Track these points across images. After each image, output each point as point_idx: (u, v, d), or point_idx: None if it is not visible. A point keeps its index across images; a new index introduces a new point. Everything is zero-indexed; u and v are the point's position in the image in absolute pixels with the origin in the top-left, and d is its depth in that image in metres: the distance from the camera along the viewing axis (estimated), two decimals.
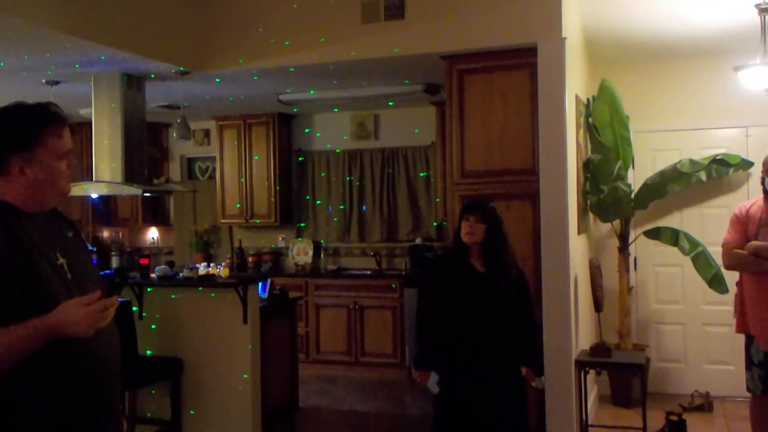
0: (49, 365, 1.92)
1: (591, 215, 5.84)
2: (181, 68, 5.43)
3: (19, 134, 2.02)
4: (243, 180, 7.91)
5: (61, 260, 2.02)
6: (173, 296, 5.08)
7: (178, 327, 5.07)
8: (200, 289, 5.04)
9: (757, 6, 4.77)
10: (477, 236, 3.56)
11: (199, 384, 5.01)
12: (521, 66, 4.85)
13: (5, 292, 1.88)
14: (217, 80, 5.91)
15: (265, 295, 5.39)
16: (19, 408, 1.90)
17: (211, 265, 5.55)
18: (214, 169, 8.29)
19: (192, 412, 5.01)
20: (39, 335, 1.86)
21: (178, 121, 5.85)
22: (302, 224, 7.99)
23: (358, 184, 7.73)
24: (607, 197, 5.54)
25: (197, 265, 5.47)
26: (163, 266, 5.33)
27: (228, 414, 4.94)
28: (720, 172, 5.85)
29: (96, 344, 2.01)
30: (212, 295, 5.01)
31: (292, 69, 5.51)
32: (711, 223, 5.78)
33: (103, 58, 5.03)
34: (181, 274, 5.12)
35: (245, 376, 4.90)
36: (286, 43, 5.28)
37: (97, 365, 2.04)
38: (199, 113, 7.69)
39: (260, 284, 5.30)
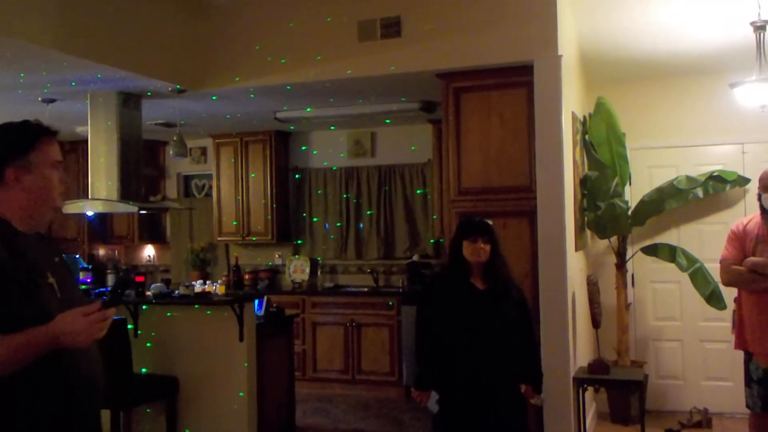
0: (31, 381, 1.92)
1: (588, 232, 5.83)
2: (178, 86, 5.44)
3: (13, 141, 2.08)
4: (240, 198, 7.90)
5: (51, 279, 2.05)
6: (169, 314, 5.05)
7: (173, 345, 5.04)
8: (196, 306, 5.01)
9: (752, 24, 4.80)
10: (483, 256, 3.55)
11: (194, 403, 4.97)
12: (518, 84, 4.87)
13: (7, 304, 1.90)
14: (214, 98, 5.92)
15: (262, 313, 5.36)
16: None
17: (207, 282, 5.53)
18: (210, 187, 8.28)
19: (187, 431, 4.96)
20: (40, 344, 1.88)
21: (175, 138, 5.86)
22: (299, 241, 7.97)
23: (354, 201, 7.72)
24: (605, 214, 5.54)
25: (193, 283, 5.45)
26: (158, 284, 5.31)
27: None
28: (717, 189, 5.86)
29: (79, 362, 2.01)
30: (208, 312, 4.99)
31: (288, 87, 5.52)
32: (708, 239, 5.78)
33: (99, 76, 5.04)
34: (177, 292, 5.09)
35: (241, 394, 4.86)
36: (283, 61, 5.30)
37: (80, 383, 2.04)
38: (196, 131, 7.69)
39: (256, 302, 5.27)
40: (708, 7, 4.97)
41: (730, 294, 4.93)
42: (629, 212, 5.77)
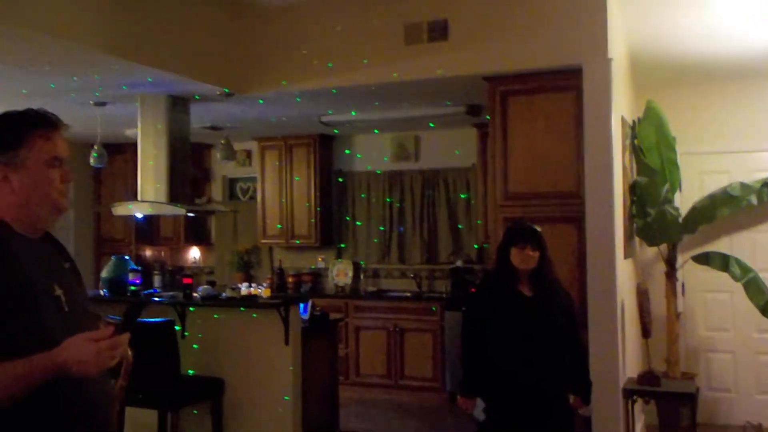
0: (32, 410, 1.71)
1: (637, 239, 5.71)
2: (226, 90, 5.49)
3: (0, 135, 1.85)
4: (284, 201, 7.94)
5: (58, 291, 1.84)
6: (216, 316, 5.09)
7: (219, 347, 5.08)
8: (242, 309, 5.04)
9: None
10: (532, 263, 3.50)
11: (240, 405, 4.99)
12: (566, 87, 4.79)
13: (1, 321, 1.71)
14: (260, 102, 5.95)
15: (307, 316, 5.37)
16: None
17: (253, 285, 5.55)
18: (255, 190, 8.34)
19: None
20: (44, 373, 1.68)
21: (222, 142, 5.92)
22: (342, 245, 7.98)
23: (398, 205, 7.70)
24: (654, 221, 5.42)
25: (239, 285, 5.48)
26: (205, 286, 5.35)
27: None
28: None
29: (86, 389, 1.81)
30: (254, 315, 5.01)
31: (334, 91, 5.52)
32: (762, 248, 5.62)
33: (150, 80, 5.10)
34: (224, 294, 5.12)
35: (286, 398, 4.87)
36: (329, 65, 5.30)
37: (85, 412, 1.83)
38: (241, 134, 7.76)
39: (302, 305, 5.28)
40: (761, 6, 4.83)
41: None
42: (680, 219, 5.63)
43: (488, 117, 5.17)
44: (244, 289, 5.37)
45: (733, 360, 5.95)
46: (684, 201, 5.84)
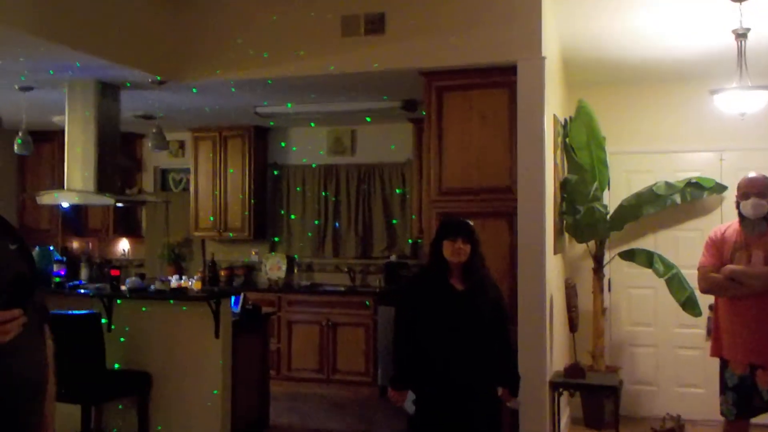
0: None
1: (566, 236, 5.84)
2: (158, 77, 5.36)
3: None
4: (217, 193, 7.83)
5: None
6: (144, 309, 4.98)
7: (147, 340, 4.97)
8: (171, 302, 4.94)
9: (734, 31, 4.83)
10: (463, 256, 3.53)
11: (167, 399, 4.89)
12: (500, 84, 4.86)
13: None
14: (194, 90, 5.83)
15: (238, 310, 5.29)
16: None
17: (183, 277, 5.45)
18: (188, 181, 8.19)
19: (159, 427, 4.89)
20: None
21: (154, 131, 5.78)
22: (276, 239, 7.92)
23: (333, 199, 7.68)
24: (583, 218, 5.55)
25: (169, 278, 5.37)
26: (134, 278, 5.23)
27: (196, 430, 4.83)
28: (694, 196, 5.90)
29: (13, 360, 1.86)
30: (184, 308, 4.92)
31: (270, 81, 5.46)
32: (685, 245, 5.82)
33: (78, 65, 4.94)
34: (152, 287, 5.01)
35: (215, 392, 4.80)
36: (265, 55, 5.24)
37: (14, 383, 1.89)
38: (175, 124, 7.61)
39: (233, 298, 5.21)
40: (690, 14, 4.99)
41: (705, 301, 4.97)
42: (607, 217, 5.79)
43: (424, 112, 5.20)
44: (174, 281, 5.27)
45: (655, 354, 6.15)
46: (612, 199, 6.00)
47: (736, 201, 4.09)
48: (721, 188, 5.87)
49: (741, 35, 4.84)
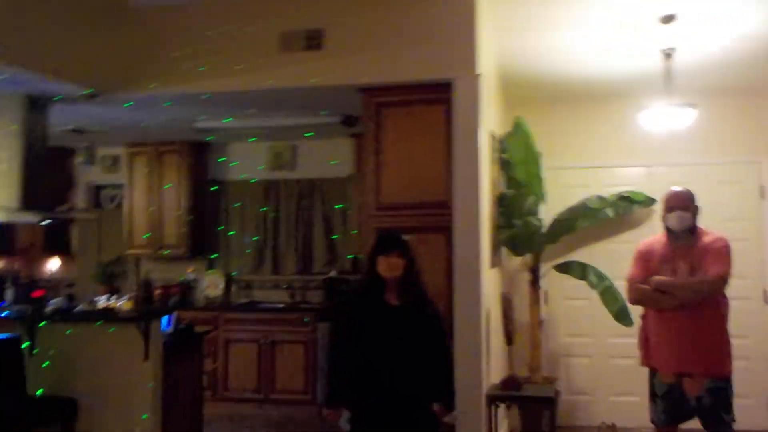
0: None
1: (504, 249, 5.91)
2: (89, 90, 5.22)
3: None
4: (153, 209, 7.64)
5: None
6: (69, 332, 4.77)
7: (73, 365, 4.74)
8: (99, 323, 4.76)
9: (662, 51, 5.00)
10: (397, 271, 3.52)
11: (94, 426, 4.69)
12: (438, 101, 4.90)
13: None
14: (128, 105, 5.70)
15: (170, 330, 5.16)
16: None
17: (112, 298, 5.29)
18: (122, 197, 7.99)
19: None
20: None
21: (84, 145, 5.61)
22: (214, 256, 7.78)
23: (273, 215, 7.60)
24: (520, 232, 5.63)
25: (96, 298, 5.21)
26: (57, 299, 5.03)
27: None
28: (625, 209, 6.06)
29: None
30: (111, 330, 4.75)
31: (206, 95, 5.38)
32: (617, 257, 5.92)
33: (3, 76, 4.77)
34: (78, 308, 4.83)
35: (144, 417, 4.64)
36: (202, 69, 5.16)
37: None
38: (110, 139, 7.43)
39: (164, 318, 5.07)
40: (620, 34, 5.16)
41: (637, 311, 5.07)
42: (543, 230, 5.88)
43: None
44: (102, 302, 5.10)
45: (591, 364, 6.26)
46: (548, 213, 6.10)
47: (662, 214, 4.21)
48: (650, 201, 6.03)
49: (668, 54, 5.03)
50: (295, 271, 7.51)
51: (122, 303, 5.18)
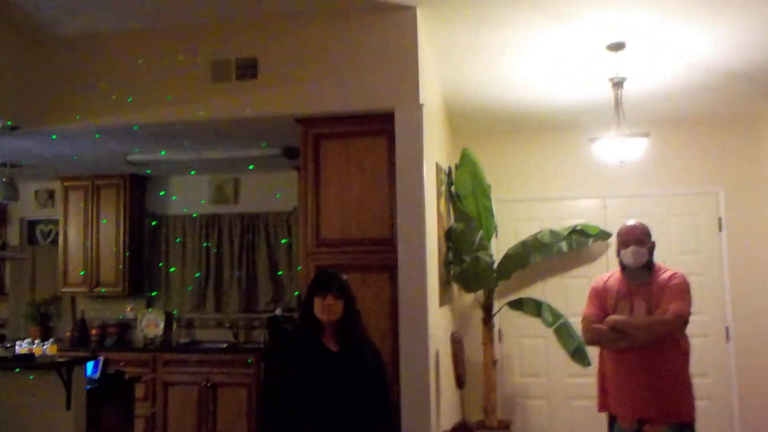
0: None
1: (455, 286, 5.66)
2: (9, 123, 4.88)
3: None
4: (89, 245, 7.26)
5: None
6: None
7: None
8: (17, 370, 4.40)
9: (611, 80, 4.85)
10: (336, 314, 3.24)
11: None
12: (379, 132, 4.64)
13: None
14: (54, 137, 5.36)
15: (97, 376, 4.80)
16: None
17: (36, 342, 4.91)
18: (57, 233, 7.58)
19: None
20: None
21: (4, 180, 5.25)
22: (153, 293, 7.39)
23: (215, 251, 7.26)
24: (470, 267, 5.39)
25: (18, 343, 4.83)
26: None
27: None
28: (580, 243, 5.87)
29: None
30: (31, 377, 4.39)
31: (136, 127, 5.06)
32: (572, 293, 5.76)
33: None
34: None
35: None
36: (130, 99, 4.87)
37: None
38: (43, 172, 7.06)
39: (90, 363, 4.71)
40: (567, 63, 5.00)
41: (594, 350, 4.86)
42: (494, 266, 5.66)
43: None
44: (25, 346, 4.73)
45: (548, 406, 6.01)
46: (500, 247, 5.90)
47: (617, 250, 4.01)
48: (605, 235, 5.87)
49: (617, 84, 4.88)
50: (239, 309, 7.16)
51: (47, 347, 4.82)
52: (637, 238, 3.93)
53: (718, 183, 5.90)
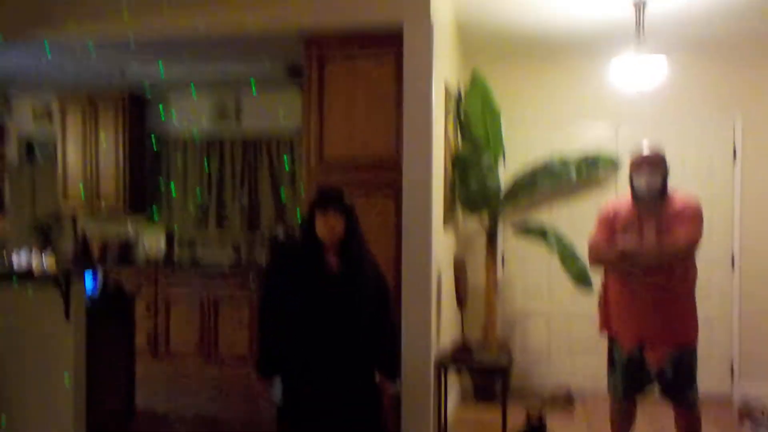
0: None
1: (459, 210, 5.58)
2: None
3: None
4: (89, 163, 7.17)
5: None
6: None
7: None
8: (15, 284, 4.37)
9: (634, 4, 4.65)
10: (337, 233, 3.15)
11: (13, 390, 4.35)
12: (386, 52, 4.45)
13: None
14: (47, 50, 5.15)
15: (96, 289, 4.77)
16: None
17: (34, 251, 4.87)
18: (56, 150, 7.46)
19: (3, 424, 4.35)
20: None
21: None
22: (155, 211, 7.33)
23: (217, 171, 7.17)
24: (476, 192, 5.30)
25: (16, 256, 4.79)
26: None
27: (48, 421, 4.32)
28: (589, 170, 5.76)
29: None
30: (29, 290, 4.36)
31: (132, 41, 4.86)
32: (579, 219, 5.69)
33: None
34: None
35: (67, 381, 4.29)
36: (125, 11, 4.65)
37: None
38: (40, 89, 6.91)
39: (88, 276, 4.66)
40: None
41: (597, 275, 4.81)
42: (501, 190, 5.56)
43: None
44: (22, 260, 4.69)
45: (548, 327, 6.04)
46: (507, 171, 5.79)
47: (629, 175, 3.90)
48: (616, 162, 5.74)
49: (639, 4, 4.68)
50: (241, 229, 7.12)
51: (46, 262, 4.77)
52: (652, 162, 3.82)
53: (736, 111, 5.73)
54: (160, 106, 7.33)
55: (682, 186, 4.02)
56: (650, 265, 3.72)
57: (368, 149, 4.52)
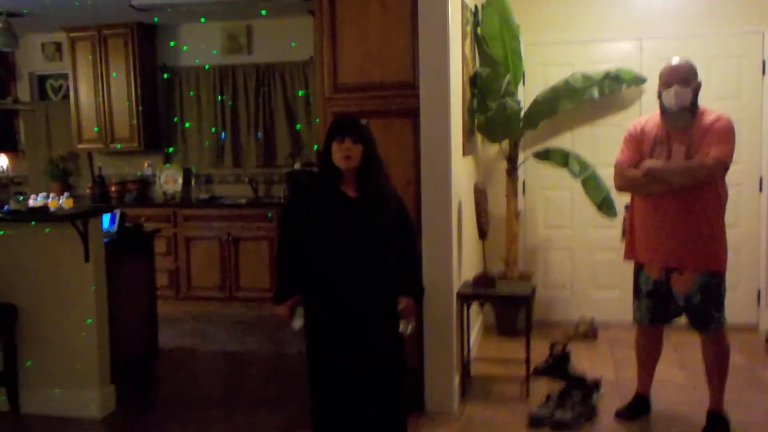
0: None
1: (478, 136, 5.42)
2: None
3: None
4: (100, 100, 7.06)
5: None
6: (0, 233, 4.35)
7: (9, 269, 4.35)
8: (33, 223, 4.32)
9: None
10: (354, 160, 3.05)
11: (36, 332, 4.35)
12: None
13: None
14: None
15: (115, 229, 4.72)
16: None
17: (51, 195, 4.80)
18: (68, 88, 7.35)
19: (29, 363, 4.37)
20: None
21: (0, 26, 4.97)
22: (171, 149, 7.25)
23: (230, 104, 7.02)
24: (496, 115, 5.12)
25: (33, 196, 4.73)
26: None
27: (72, 363, 4.33)
28: (613, 88, 5.53)
29: None
30: (47, 230, 4.31)
31: None
32: (602, 142, 5.51)
33: None
34: (6, 207, 4.37)
35: (89, 321, 4.27)
36: None
37: None
38: (47, 23, 6.74)
39: (107, 216, 4.62)
40: None
41: (621, 202, 4.67)
42: (522, 113, 5.38)
43: None
44: (39, 200, 4.62)
45: (571, 257, 5.91)
46: (527, 94, 5.60)
47: (658, 91, 3.71)
48: (640, 80, 5.52)
49: None
50: (258, 164, 7.02)
51: (63, 200, 4.71)
52: (682, 77, 3.62)
53: (764, 22, 5.44)
54: (171, 41, 7.15)
55: (708, 103, 3.81)
56: (679, 186, 3.57)
57: (384, 73, 4.34)
